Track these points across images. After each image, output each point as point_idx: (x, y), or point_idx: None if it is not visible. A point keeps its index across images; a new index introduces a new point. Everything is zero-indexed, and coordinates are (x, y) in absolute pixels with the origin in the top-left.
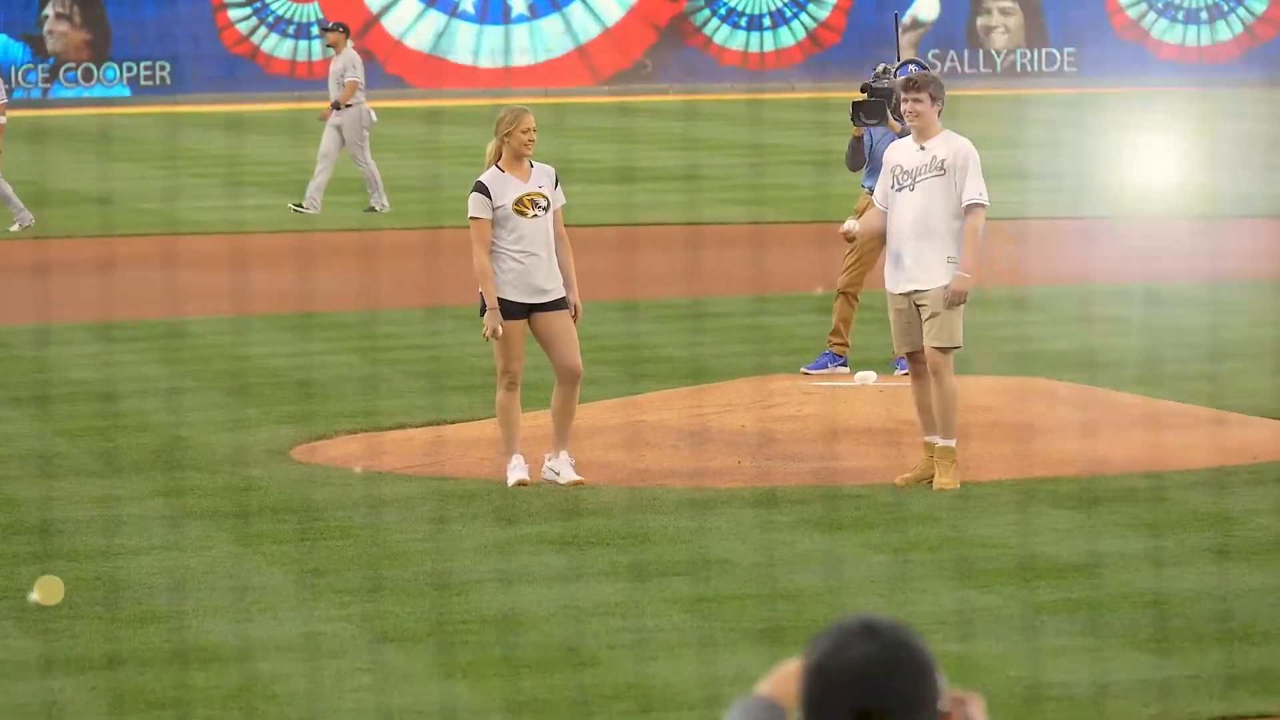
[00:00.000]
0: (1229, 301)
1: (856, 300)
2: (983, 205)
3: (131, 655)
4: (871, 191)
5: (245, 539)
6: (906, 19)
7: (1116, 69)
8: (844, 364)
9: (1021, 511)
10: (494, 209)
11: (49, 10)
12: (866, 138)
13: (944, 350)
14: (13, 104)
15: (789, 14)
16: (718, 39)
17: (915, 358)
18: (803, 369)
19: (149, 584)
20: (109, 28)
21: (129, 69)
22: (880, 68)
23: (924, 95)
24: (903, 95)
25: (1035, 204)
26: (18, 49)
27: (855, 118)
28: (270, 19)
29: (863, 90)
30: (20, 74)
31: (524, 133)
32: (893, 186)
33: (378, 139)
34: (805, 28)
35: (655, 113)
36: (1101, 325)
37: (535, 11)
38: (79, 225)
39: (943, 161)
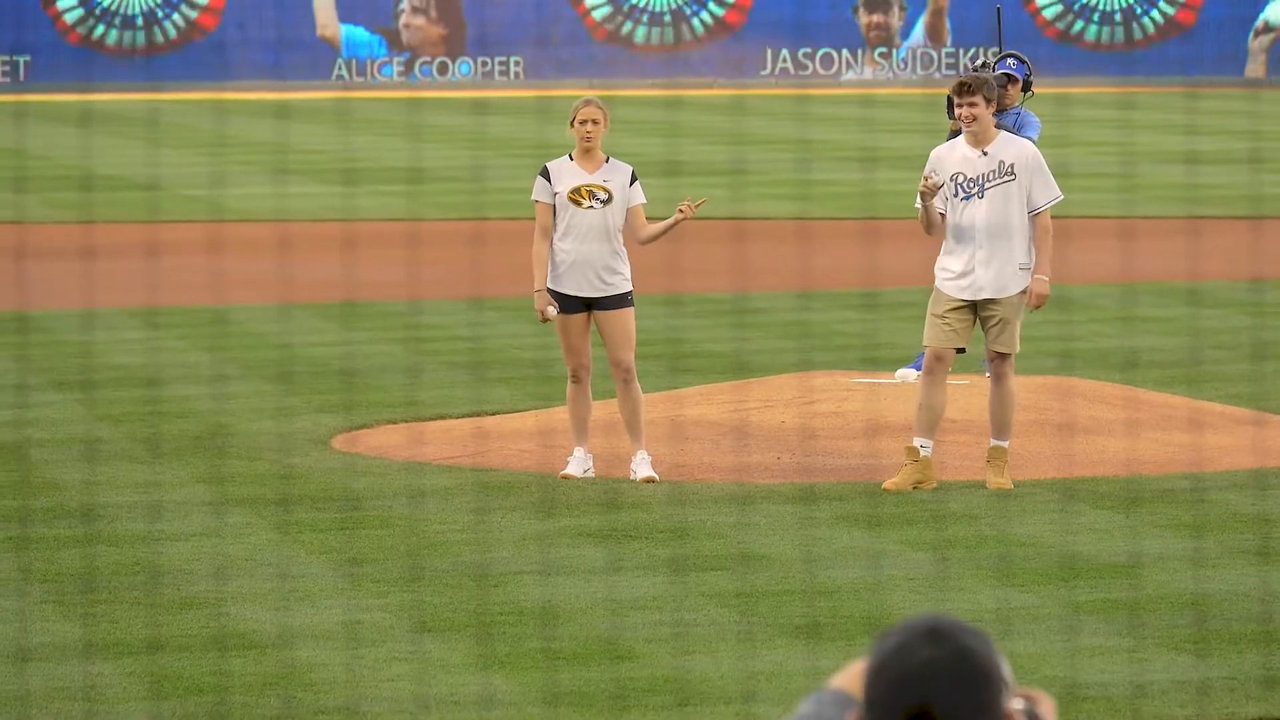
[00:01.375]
0: (1272, 303)
1: None
2: (1053, 204)
3: (171, 640)
4: None
5: (286, 527)
6: (1259, 22)
7: None
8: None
9: (1061, 511)
10: (553, 195)
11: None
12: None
13: (1005, 355)
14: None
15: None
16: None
17: (943, 358)
18: (898, 373)
19: (189, 570)
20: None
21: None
22: (980, 61)
23: (978, 98)
24: (956, 99)
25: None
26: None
27: (948, 111)
28: None
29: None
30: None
31: (581, 123)
32: (955, 195)
33: (424, 129)
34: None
35: (702, 106)
36: (1142, 324)
37: None
38: (125, 211)
39: (1011, 166)
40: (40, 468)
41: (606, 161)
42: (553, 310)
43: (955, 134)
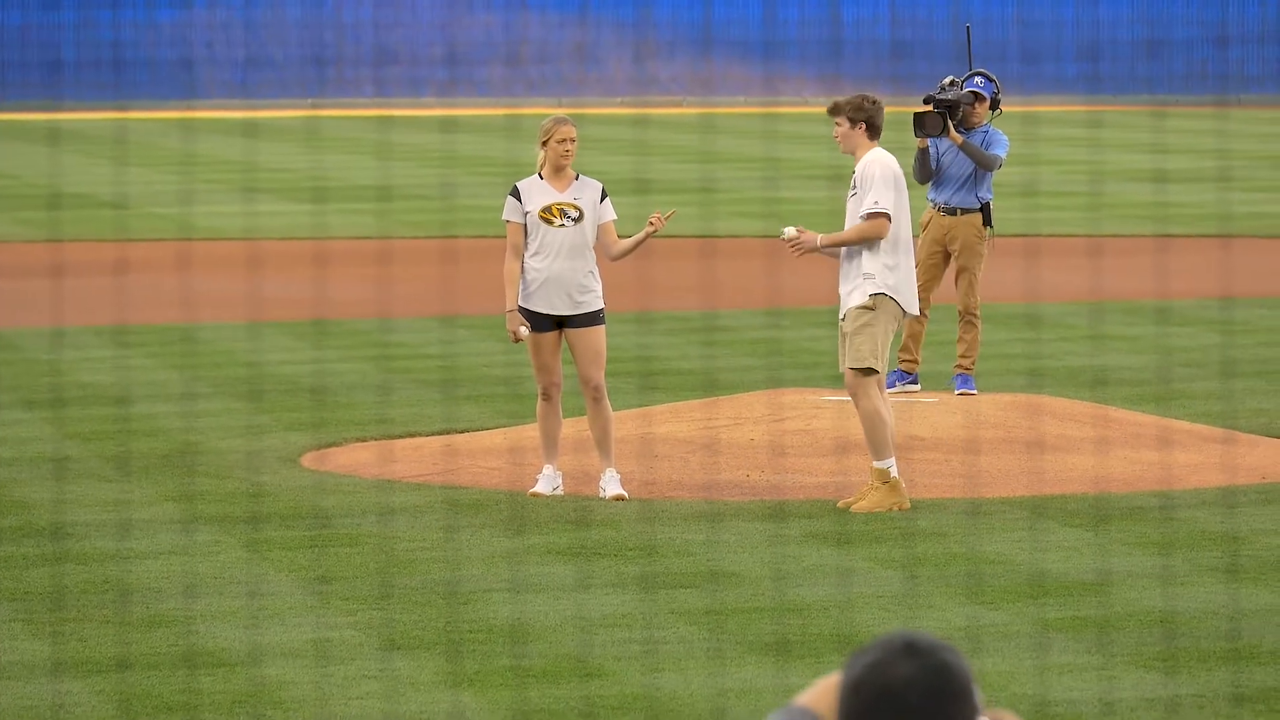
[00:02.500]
0: (1239, 321)
1: (925, 317)
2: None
3: (140, 659)
4: (936, 206)
5: (255, 545)
6: None
7: None
8: (914, 381)
9: (1030, 528)
10: (524, 214)
11: None
12: (932, 150)
13: (856, 371)
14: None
15: None
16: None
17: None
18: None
19: (159, 588)
20: None
21: None
22: (948, 80)
23: (841, 118)
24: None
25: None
26: None
27: (916, 129)
28: None
29: (925, 101)
30: None
31: (559, 142)
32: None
33: (395, 148)
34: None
35: (671, 125)
36: (1112, 342)
37: None
38: (93, 229)
39: (857, 183)
40: (8, 486)
41: (576, 179)
42: (525, 330)
43: (923, 151)
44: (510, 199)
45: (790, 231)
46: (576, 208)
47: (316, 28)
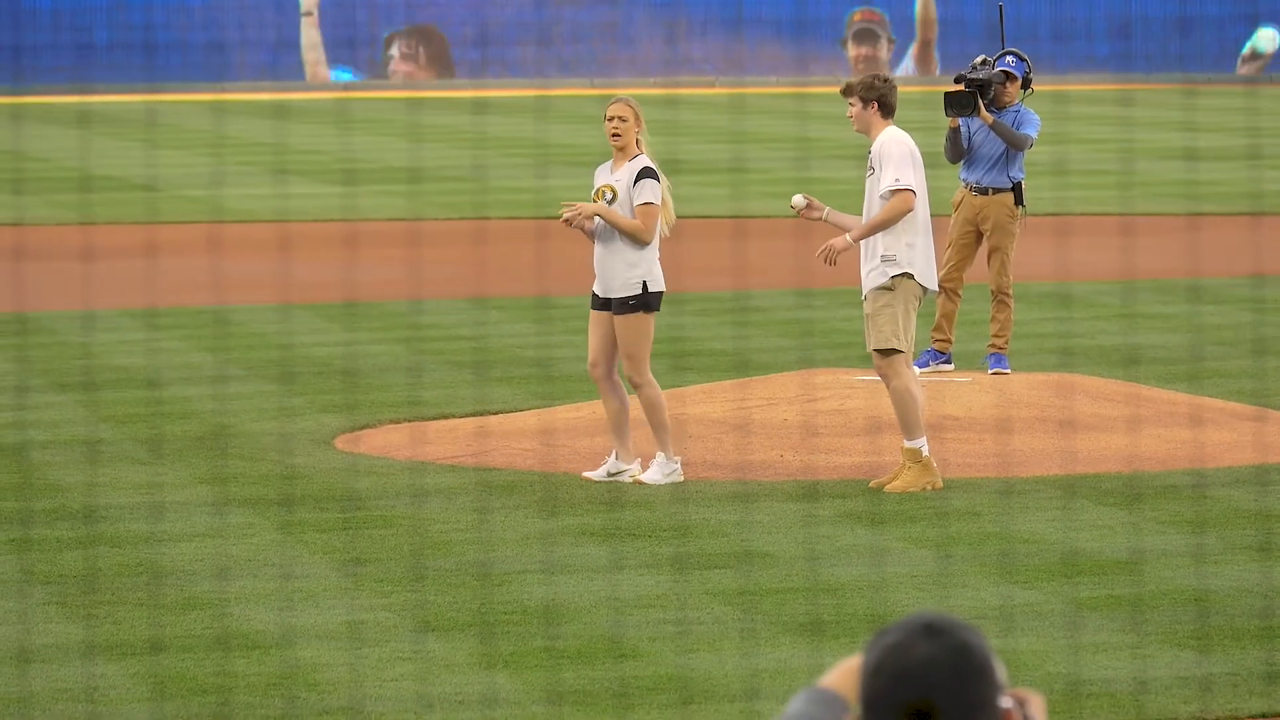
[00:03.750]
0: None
1: (958, 296)
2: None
3: (174, 641)
4: (968, 185)
5: (288, 527)
6: (1247, 50)
7: None
8: (948, 360)
9: (1063, 508)
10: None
11: None
12: (963, 129)
13: (882, 352)
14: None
15: None
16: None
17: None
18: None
19: (192, 570)
20: None
21: None
22: (979, 59)
23: (854, 98)
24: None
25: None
26: None
27: (946, 108)
28: None
29: (957, 80)
30: None
31: (607, 121)
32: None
33: (425, 129)
34: None
35: (700, 105)
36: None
37: None
38: (125, 211)
39: (871, 161)
40: (42, 469)
41: (631, 160)
42: (569, 213)
43: (954, 131)
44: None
45: (798, 200)
46: (613, 189)
47: (349, 8)
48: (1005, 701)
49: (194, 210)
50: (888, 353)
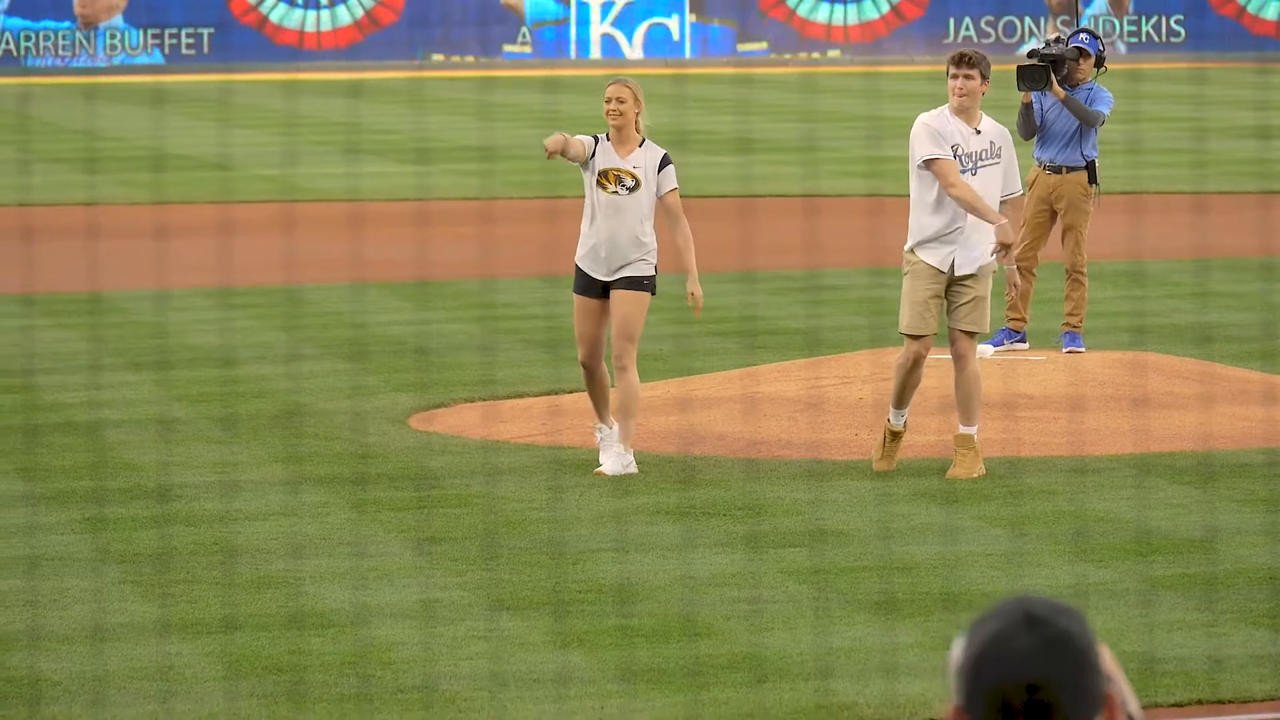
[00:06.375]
0: None
1: (1033, 275)
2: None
3: (248, 620)
4: (1042, 164)
5: (362, 506)
6: None
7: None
8: (1022, 339)
9: (1137, 486)
10: (590, 171)
11: None
12: (1036, 106)
13: (974, 335)
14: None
15: None
16: (801, 11)
17: (924, 341)
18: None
19: (266, 549)
20: None
21: None
22: (1054, 35)
23: (975, 73)
24: (954, 69)
25: None
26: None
27: (1019, 83)
28: None
29: (1030, 55)
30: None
31: (606, 102)
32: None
33: (497, 108)
34: (889, 2)
35: (772, 84)
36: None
37: None
38: (198, 191)
39: (1000, 149)
40: (116, 448)
41: (641, 145)
42: (552, 143)
43: (1027, 107)
44: (590, 137)
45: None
46: (633, 175)
47: None
48: (1107, 686)
49: (267, 189)
50: (976, 335)
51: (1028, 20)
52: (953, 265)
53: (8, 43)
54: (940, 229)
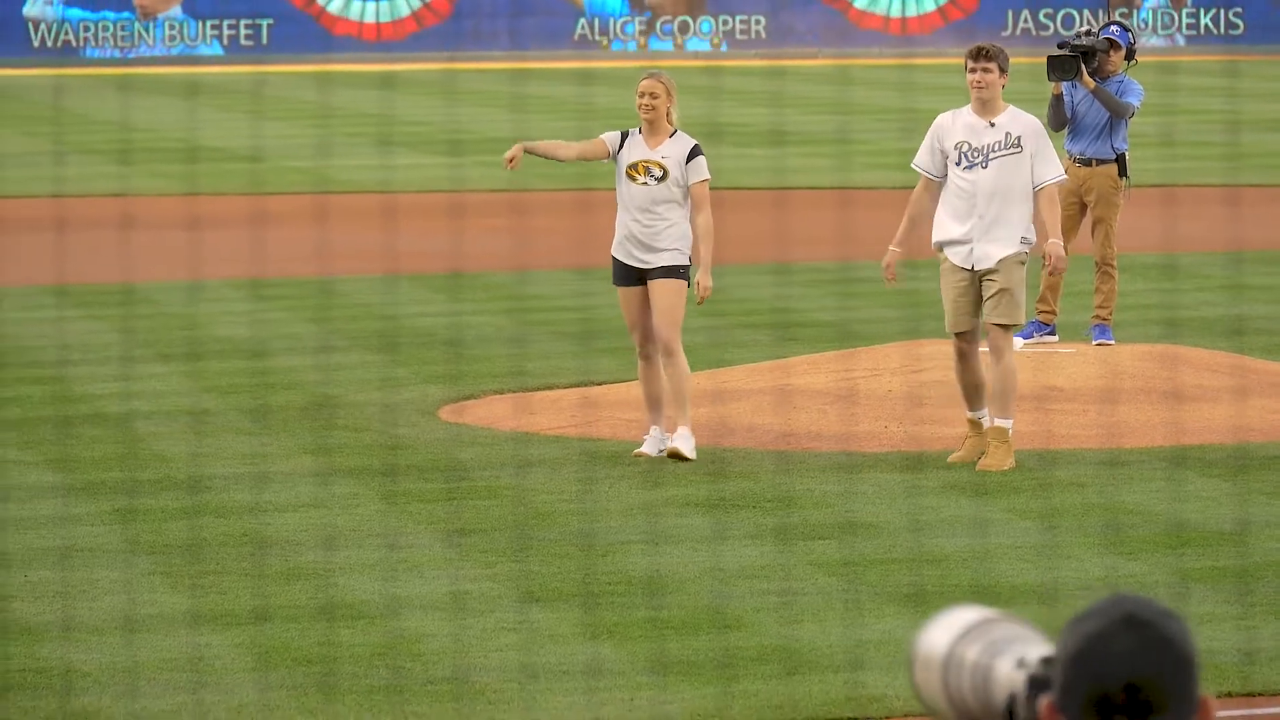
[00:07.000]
0: None
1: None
2: (1057, 181)
3: (278, 611)
4: (1072, 157)
5: (393, 497)
6: None
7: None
8: (1051, 332)
9: (1169, 479)
10: (617, 157)
11: None
12: (1067, 98)
13: (1007, 327)
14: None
15: None
16: (857, 4)
17: (964, 337)
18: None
19: (297, 540)
20: None
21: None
22: (1084, 27)
23: (993, 65)
24: (971, 63)
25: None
26: (616, 2)
27: (1049, 73)
28: None
29: (1060, 46)
30: (619, 26)
31: (639, 96)
32: (959, 163)
33: (530, 100)
34: None
35: (805, 76)
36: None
37: None
38: (230, 182)
39: (1019, 139)
40: (147, 440)
41: (672, 136)
42: (511, 154)
43: (1058, 98)
44: (615, 134)
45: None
46: (661, 166)
47: None
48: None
49: (299, 181)
50: (1009, 328)
51: (1085, 11)
52: (973, 261)
53: (67, 33)
54: (956, 227)
